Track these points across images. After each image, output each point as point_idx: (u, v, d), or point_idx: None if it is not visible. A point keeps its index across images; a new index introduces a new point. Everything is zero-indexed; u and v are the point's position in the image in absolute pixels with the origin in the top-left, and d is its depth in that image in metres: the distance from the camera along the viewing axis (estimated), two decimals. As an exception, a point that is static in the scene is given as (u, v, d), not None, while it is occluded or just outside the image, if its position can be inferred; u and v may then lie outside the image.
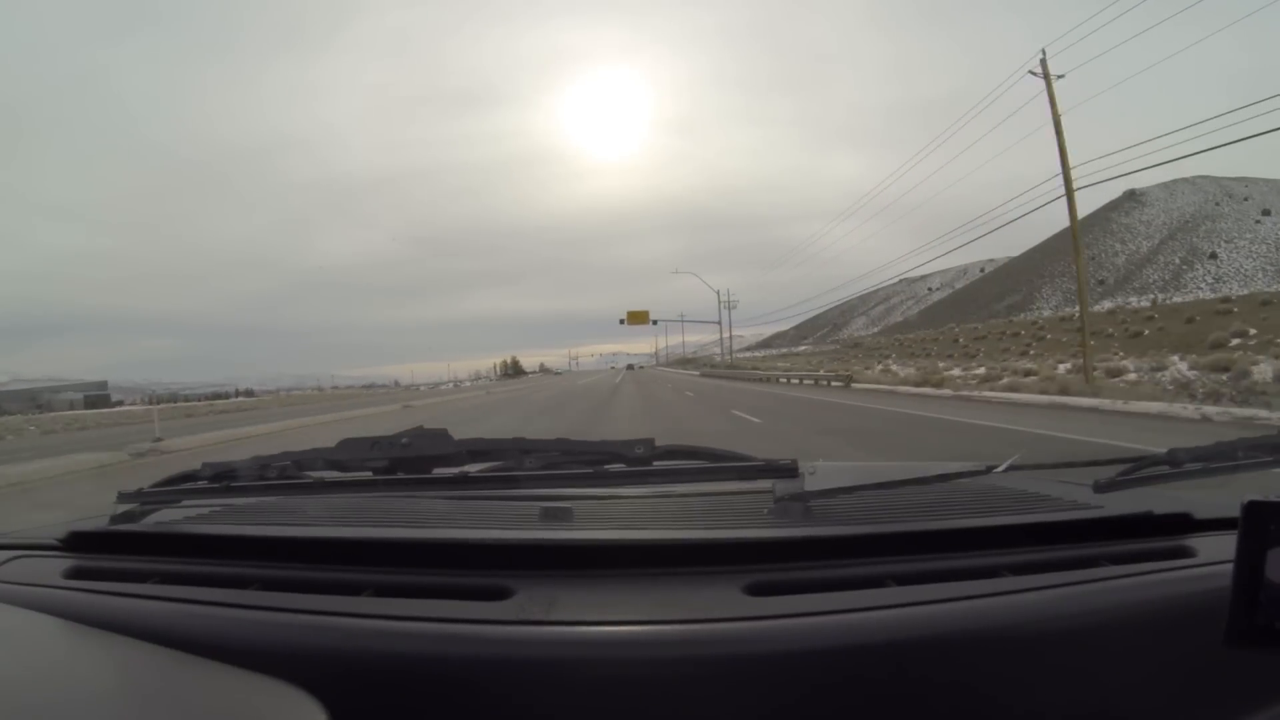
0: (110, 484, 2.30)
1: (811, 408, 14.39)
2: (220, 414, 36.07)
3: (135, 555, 0.87)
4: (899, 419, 11.06)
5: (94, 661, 0.63)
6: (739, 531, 0.83)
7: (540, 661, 0.61)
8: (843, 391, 20.71)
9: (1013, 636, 0.64)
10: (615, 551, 0.76)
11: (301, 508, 0.99)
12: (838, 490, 0.85)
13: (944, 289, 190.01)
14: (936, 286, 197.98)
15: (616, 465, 0.91)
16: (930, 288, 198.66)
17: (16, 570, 0.86)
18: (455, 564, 0.76)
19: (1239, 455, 0.88)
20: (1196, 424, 8.52)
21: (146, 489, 0.97)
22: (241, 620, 0.68)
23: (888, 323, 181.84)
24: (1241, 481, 0.82)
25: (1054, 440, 7.51)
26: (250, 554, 0.82)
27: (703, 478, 0.99)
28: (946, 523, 0.84)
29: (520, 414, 16.89)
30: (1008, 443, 7.36)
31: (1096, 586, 0.70)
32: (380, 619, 0.66)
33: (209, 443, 12.03)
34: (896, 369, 35.46)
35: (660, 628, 0.63)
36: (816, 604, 0.66)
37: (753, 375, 40.46)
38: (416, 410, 21.36)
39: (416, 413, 19.77)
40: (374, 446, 0.96)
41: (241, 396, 79.26)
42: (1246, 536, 0.53)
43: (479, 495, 1.00)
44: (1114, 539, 0.81)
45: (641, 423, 12.19)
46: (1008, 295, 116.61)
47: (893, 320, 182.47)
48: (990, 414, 10.94)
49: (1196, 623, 0.64)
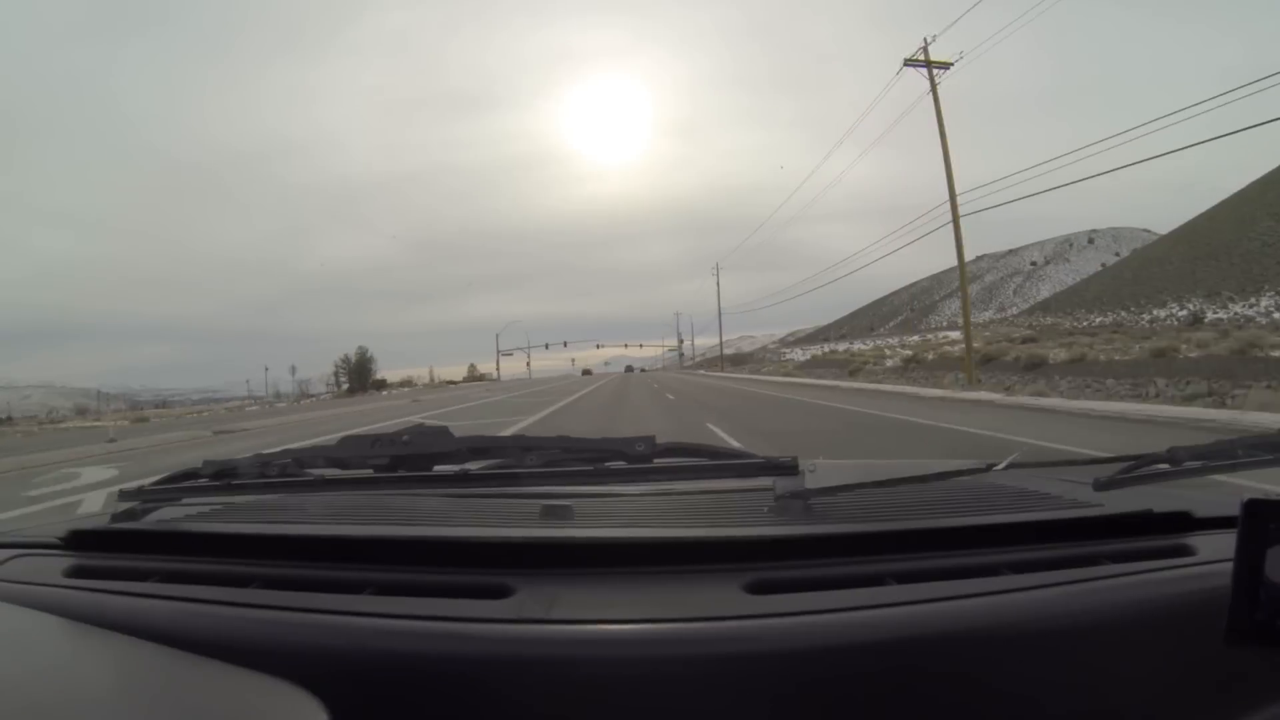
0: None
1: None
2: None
3: (136, 554, 0.87)
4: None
5: (95, 660, 0.63)
6: (739, 529, 0.83)
7: (541, 660, 0.61)
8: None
9: (1013, 635, 0.64)
10: (616, 550, 0.76)
11: (302, 506, 0.99)
12: (838, 488, 0.85)
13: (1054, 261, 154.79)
14: (1040, 260, 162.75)
15: (617, 463, 0.91)
16: (1033, 261, 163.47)
17: (17, 569, 0.86)
18: (456, 562, 0.76)
19: (1239, 454, 0.87)
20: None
21: (147, 487, 0.97)
22: (242, 619, 0.67)
23: (1001, 303, 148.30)
24: (1241, 480, 0.85)
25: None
26: (251, 552, 0.82)
27: (703, 475, 0.99)
28: (947, 521, 0.83)
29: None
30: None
31: (1097, 585, 0.69)
32: (381, 617, 0.66)
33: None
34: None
35: (661, 626, 0.63)
36: (817, 602, 0.66)
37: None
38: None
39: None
40: (375, 444, 0.95)
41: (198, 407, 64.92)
42: (1246, 535, 0.53)
43: (480, 493, 1.00)
44: (1114, 537, 0.81)
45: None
46: (1169, 284, 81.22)
47: (1004, 299, 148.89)
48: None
49: (1196, 621, 0.63)
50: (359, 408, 29.45)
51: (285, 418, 24.03)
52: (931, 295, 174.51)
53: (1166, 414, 9.18)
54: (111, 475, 9.07)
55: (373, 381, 66.68)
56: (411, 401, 31.30)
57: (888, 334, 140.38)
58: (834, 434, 9.30)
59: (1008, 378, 18.78)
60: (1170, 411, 9.45)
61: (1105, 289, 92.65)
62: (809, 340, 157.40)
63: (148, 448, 13.94)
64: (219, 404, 68.42)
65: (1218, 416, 8.46)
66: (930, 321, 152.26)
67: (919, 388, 19.14)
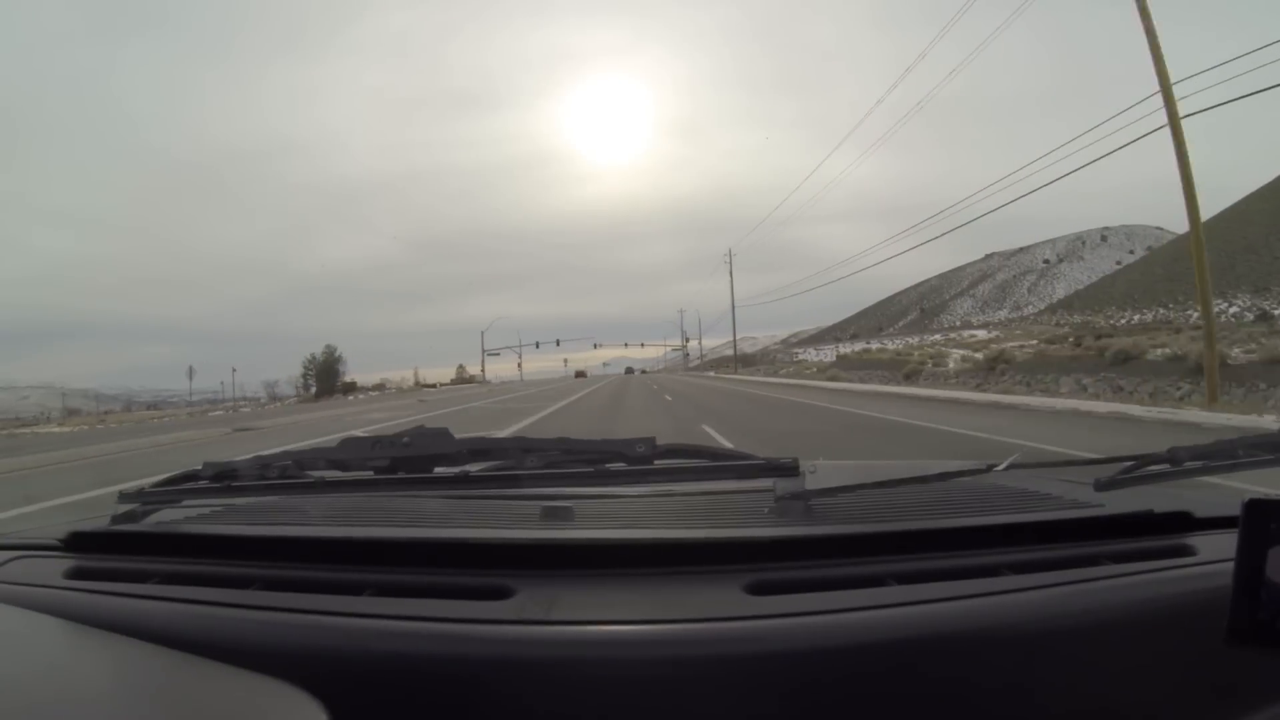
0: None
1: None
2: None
3: (136, 555, 0.87)
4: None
5: (95, 662, 0.63)
6: (740, 530, 0.83)
7: (541, 661, 0.61)
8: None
9: (1014, 635, 0.64)
10: (616, 551, 0.76)
11: (302, 507, 0.99)
12: (838, 489, 0.85)
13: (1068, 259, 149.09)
14: (1052, 258, 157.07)
15: (617, 464, 0.91)
16: (1046, 259, 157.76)
17: (17, 570, 0.86)
18: (456, 563, 0.76)
19: (1239, 454, 0.87)
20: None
21: (148, 488, 0.97)
22: (243, 620, 0.68)
23: (1015, 301, 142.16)
24: (1241, 480, 0.84)
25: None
26: (251, 554, 0.82)
27: (704, 476, 0.99)
28: (947, 521, 0.83)
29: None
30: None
31: (1097, 585, 0.69)
32: (381, 619, 0.66)
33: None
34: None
35: (661, 627, 0.63)
36: (817, 603, 0.66)
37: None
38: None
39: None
40: (375, 446, 0.95)
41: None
42: (1247, 535, 0.53)
43: (480, 494, 1.00)
44: (1115, 537, 0.81)
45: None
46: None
47: (1018, 298, 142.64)
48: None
49: (1197, 621, 0.63)
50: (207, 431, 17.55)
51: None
52: (941, 294, 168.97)
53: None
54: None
55: (341, 384, 59.97)
56: (329, 416, 21.90)
57: (897, 334, 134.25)
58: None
59: (1232, 387, 12.04)
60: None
61: (1134, 285, 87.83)
62: (813, 342, 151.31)
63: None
64: (195, 407, 61.88)
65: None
66: (942, 321, 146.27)
67: (1091, 401, 12.42)
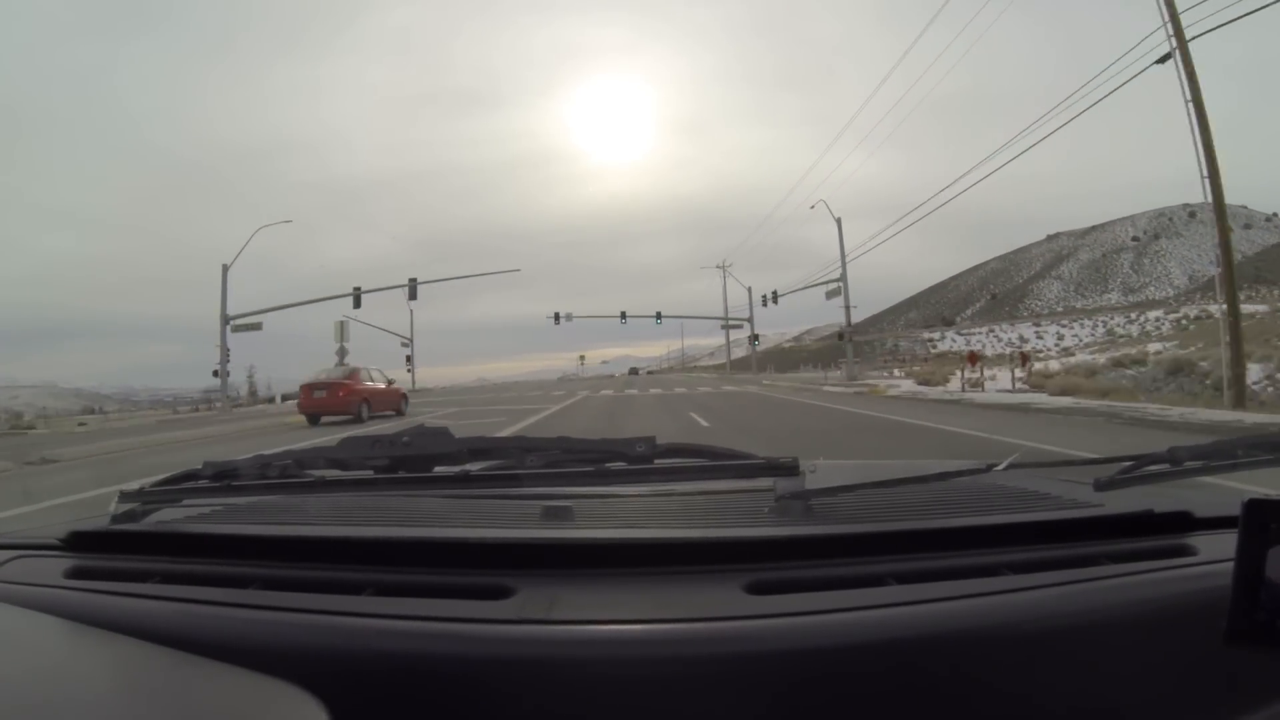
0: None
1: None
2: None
3: (136, 555, 0.87)
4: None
5: (95, 661, 0.63)
6: (740, 530, 0.83)
7: (541, 661, 0.61)
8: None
9: (1013, 635, 0.64)
10: (616, 550, 0.76)
11: (302, 506, 0.99)
12: (838, 489, 0.85)
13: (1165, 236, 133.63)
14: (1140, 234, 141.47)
15: (618, 464, 0.91)
16: (1135, 236, 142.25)
17: (17, 570, 0.86)
18: (456, 563, 0.76)
19: (1239, 454, 0.88)
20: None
21: (148, 488, 0.97)
22: (242, 620, 0.68)
23: (1123, 283, 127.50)
24: (1241, 480, 0.84)
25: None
26: (251, 553, 0.82)
27: (704, 476, 0.99)
28: (947, 521, 0.84)
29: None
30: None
31: (1097, 585, 0.70)
32: (381, 618, 0.66)
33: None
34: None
35: (661, 627, 0.63)
36: (817, 603, 0.66)
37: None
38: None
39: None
40: (375, 445, 0.96)
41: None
42: (1247, 535, 0.53)
43: (480, 494, 0.99)
44: (1114, 537, 0.81)
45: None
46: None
47: (1124, 279, 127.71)
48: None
49: (1197, 621, 0.63)
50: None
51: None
52: (1009, 278, 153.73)
53: None
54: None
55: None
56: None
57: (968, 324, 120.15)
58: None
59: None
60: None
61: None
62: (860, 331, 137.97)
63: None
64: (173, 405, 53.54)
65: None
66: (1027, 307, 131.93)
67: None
